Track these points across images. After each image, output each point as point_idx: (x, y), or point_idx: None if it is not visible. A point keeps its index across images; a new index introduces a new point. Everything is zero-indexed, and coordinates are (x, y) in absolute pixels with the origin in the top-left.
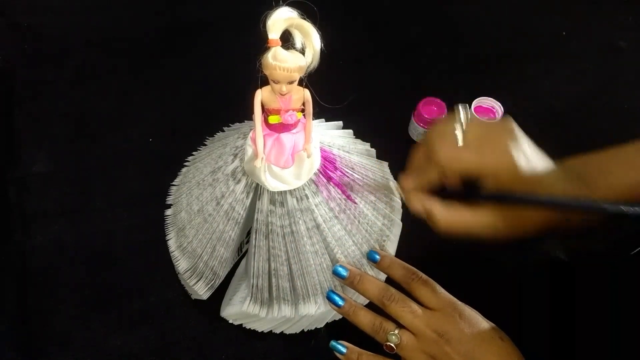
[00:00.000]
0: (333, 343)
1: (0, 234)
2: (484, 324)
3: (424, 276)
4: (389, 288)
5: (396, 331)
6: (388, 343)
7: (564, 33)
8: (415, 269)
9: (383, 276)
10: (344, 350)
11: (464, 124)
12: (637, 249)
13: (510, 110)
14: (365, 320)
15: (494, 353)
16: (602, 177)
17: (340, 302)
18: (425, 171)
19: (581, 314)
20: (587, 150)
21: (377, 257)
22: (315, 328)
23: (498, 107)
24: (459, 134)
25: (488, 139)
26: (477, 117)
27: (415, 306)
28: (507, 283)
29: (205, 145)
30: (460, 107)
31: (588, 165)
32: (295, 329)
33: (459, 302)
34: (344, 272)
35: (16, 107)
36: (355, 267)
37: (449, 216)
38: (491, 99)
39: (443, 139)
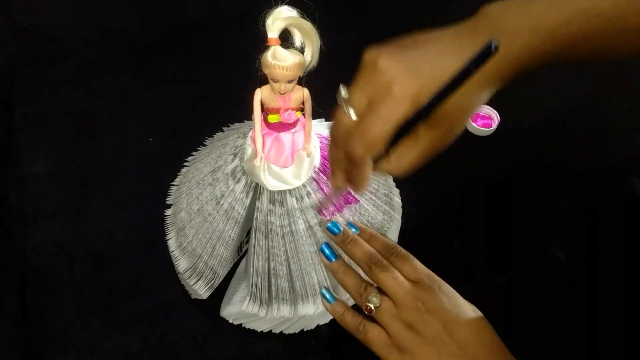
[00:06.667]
0: (323, 291)
1: (0, 234)
2: (460, 298)
3: (403, 250)
4: (376, 254)
5: (378, 295)
6: (368, 304)
7: None
8: (395, 244)
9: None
10: (332, 300)
11: (346, 99)
12: None
13: (509, 110)
14: (352, 282)
15: (471, 325)
16: (525, 20)
17: (332, 257)
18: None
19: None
20: (586, 150)
21: (356, 230)
22: (315, 328)
23: (494, 115)
24: (350, 111)
25: (372, 89)
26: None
27: (398, 274)
28: (507, 283)
29: (205, 145)
30: (340, 89)
31: (508, 12)
32: (294, 329)
33: (437, 277)
34: (336, 230)
35: (16, 107)
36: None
37: (400, 162)
38: (487, 106)
39: (338, 126)
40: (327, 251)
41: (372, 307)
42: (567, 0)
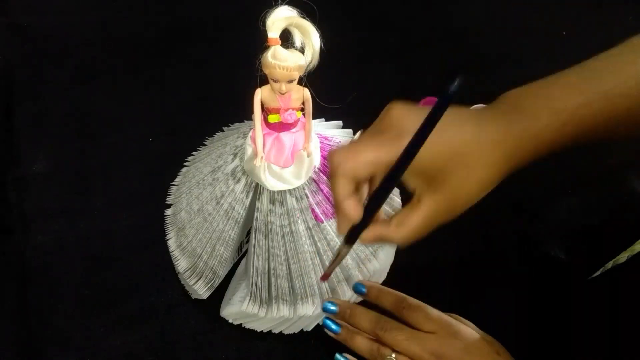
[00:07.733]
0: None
1: (0, 234)
2: (480, 340)
3: (414, 301)
4: (380, 318)
5: (393, 355)
6: None
7: (564, 33)
8: (404, 295)
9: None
10: (338, 330)
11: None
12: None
13: None
14: (363, 346)
15: None
16: (544, 103)
17: (337, 329)
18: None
19: (577, 314)
20: (586, 150)
21: (364, 289)
22: (315, 328)
23: None
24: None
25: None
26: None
27: (409, 332)
28: (506, 286)
29: (205, 145)
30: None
31: (527, 95)
32: (294, 329)
33: (453, 321)
34: (333, 308)
35: (16, 107)
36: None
37: (401, 230)
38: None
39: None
40: (332, 326)
41: None
42: (587, 82)
